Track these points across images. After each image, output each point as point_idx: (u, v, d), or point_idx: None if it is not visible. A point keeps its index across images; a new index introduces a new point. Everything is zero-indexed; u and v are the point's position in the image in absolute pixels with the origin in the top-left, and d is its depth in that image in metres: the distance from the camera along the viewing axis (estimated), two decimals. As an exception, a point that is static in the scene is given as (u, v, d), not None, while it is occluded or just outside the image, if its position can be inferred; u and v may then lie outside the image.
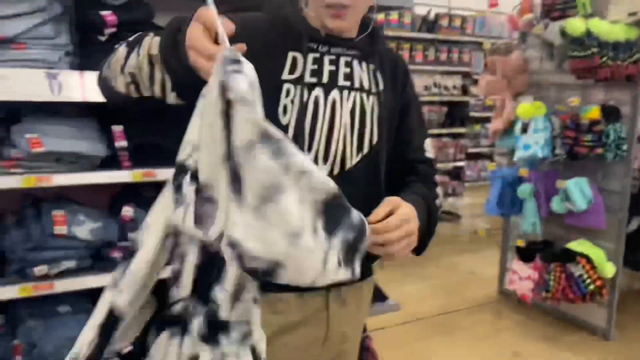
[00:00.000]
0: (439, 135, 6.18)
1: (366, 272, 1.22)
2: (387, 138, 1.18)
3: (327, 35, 1.12)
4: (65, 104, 1.90)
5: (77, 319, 1.95)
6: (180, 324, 0.85)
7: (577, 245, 3.36)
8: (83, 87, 1.82)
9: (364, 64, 1.16)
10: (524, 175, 3.59)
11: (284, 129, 1.06)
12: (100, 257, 1.98)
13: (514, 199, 3.68)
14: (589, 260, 3.26)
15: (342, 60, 1.14)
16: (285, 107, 1.08)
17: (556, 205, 3.40)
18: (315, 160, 1.10)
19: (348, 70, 1.14)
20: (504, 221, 4.10)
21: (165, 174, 2.00)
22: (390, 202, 1.04)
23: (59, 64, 1.84)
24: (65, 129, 1.89)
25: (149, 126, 1.97)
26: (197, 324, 0.83)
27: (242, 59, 0.78)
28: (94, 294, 2.03)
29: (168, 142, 1.98)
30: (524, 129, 3.49)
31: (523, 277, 3.61)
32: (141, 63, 0.97)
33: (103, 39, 1.90)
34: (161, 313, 0.91)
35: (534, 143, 3.42)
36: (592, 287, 3.23)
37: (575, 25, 3.13)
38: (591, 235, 3.39)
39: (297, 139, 1.07)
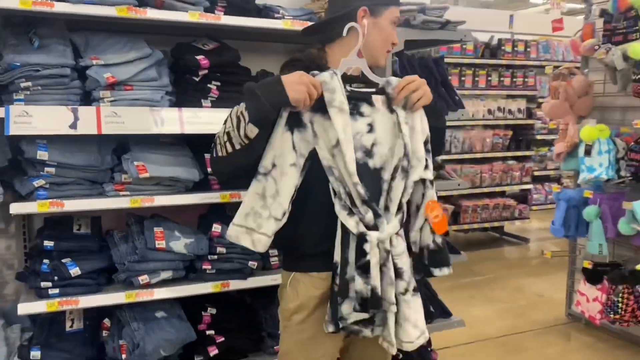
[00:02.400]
0: (504, 159, 6.22)
1: None
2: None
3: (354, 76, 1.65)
4: (165, 135, 2.21)
5: (171, 324, 2.23)
6: None
7: (646, 266, 3.34)
8: (180, 121, 2.13)
9: (383, 79, 1.66)
10: (588, 196, 3.61)
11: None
12: (192, 268, 2.26)
13: (580, 221, 3.70)
14: (658, 282, 3.24)
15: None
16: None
17: (623, 226, 3.40)
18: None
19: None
20: (570, 243, 4.10)
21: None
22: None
23: (161, 102, 2.15)
24: (164, 157, 2.20)
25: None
26: None
27: None
28: (184, 302, 2.31)
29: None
30: (587, 152, 3.53)
31: (590, 299, 3.61)
32: (232, 120, 1.50)
33: (197, 79, 2.20)
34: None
35: (598, 165, 3.46)
36: (662, 309, 3.20)
37: (637, 49, 3.18)
38: (661, 257, 3.36)
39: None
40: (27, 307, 2.01)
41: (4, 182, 2.01)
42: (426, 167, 1.62)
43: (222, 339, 2.31)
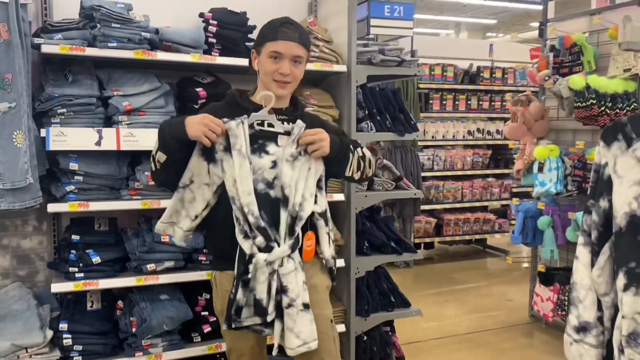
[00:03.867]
0: (484, 176, 6.71)
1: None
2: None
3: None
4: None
5: (172, 304, 2.73)
6: None
7: (589, 269, 3.80)
8: (182, 140, 2.65)
9: (291, 123, 1.92)
10: (542, 208, 4.11)
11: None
12: (190, 259, 2.77)
13: (536, 230, 4.19)
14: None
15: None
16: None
17: (570, 234, 3.89)
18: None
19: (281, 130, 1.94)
20: (532, 251, 4.58)
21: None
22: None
23: (167, 125, 2.68)
24: (169, 169, 2.72)
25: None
26: None
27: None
28: (183, 287, 2.81)
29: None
30: (540, 169, 4.03)
31: (544, 299, 4.08)
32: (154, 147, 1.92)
33: (196, 107, 2.74)
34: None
35: (548, 180, 3.96)
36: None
37: (577, 80, 3.70)
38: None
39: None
40: (59, 287, 2.52)
41: (42, 188, 2.54)
42: (315, 202, 1.92)
43: (214, 319, 2.81)
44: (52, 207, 2.50)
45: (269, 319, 1.86)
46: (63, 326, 2.56)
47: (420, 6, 10.79)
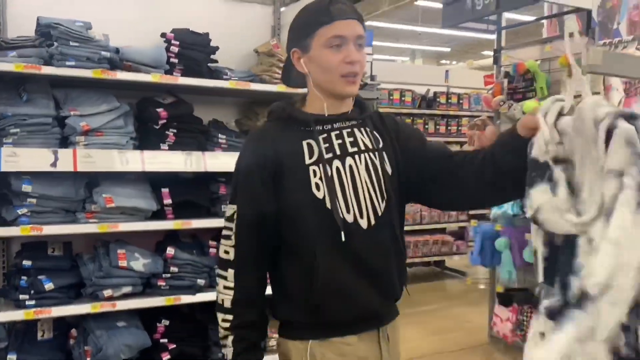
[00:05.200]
0: (442, 199, 6.81)
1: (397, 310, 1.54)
2: (400, 180, 1.41)
3: (329, 115, 1.38)
4: (129, 172, 2.67)
5: (130, 332, 2.63)
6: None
7: (546, 289, 3.89)
8: (142, 161, 2.60)
9: (362, 129, 1.41)
10: (499, 230, 4.19)
11: (322, 201, 1.31)
12: (149, 284, 2.68)
13: (494, 251, 4.26)
14: (554, 302, 3.78)
15: (345, 132, 1.38)
16: (317, 185, 1.32)
17: (527, 255, 3.97)
18: (355, 218, 1.33)
19: (352, 138, 1.38)
20: (490, 272, 4.66)
21: (198, 224, 2.73)
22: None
23: (126, 146, 2.62)
24: (128, 190, 2.65)
25: (187, 189, 2.74)
26: (546, 303, 1.04)
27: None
28: (142, 313, 2.72)
29: (200, 200, 2.74)
30: (497, 191, 4.12)
31: (503, 319, 4.14)
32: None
33: (157, 127, 2.69)
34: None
35: (505, 202, 4.05)
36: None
37: (531, 105, 3.83)
38: (558, 281, 3.91)
39: (335, 205, 1.30)
40: (7, 316, 2.39)
41: (-8, 210, 2.42)
42: None
43: (174, 346, 2.71)
44: (1, 231, 2.38)
45: None
46: (11, 357, 2.43)
47: (377, 33, 11.01)
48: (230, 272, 1.36)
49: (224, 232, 1.38)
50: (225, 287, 1.36)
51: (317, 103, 1.39)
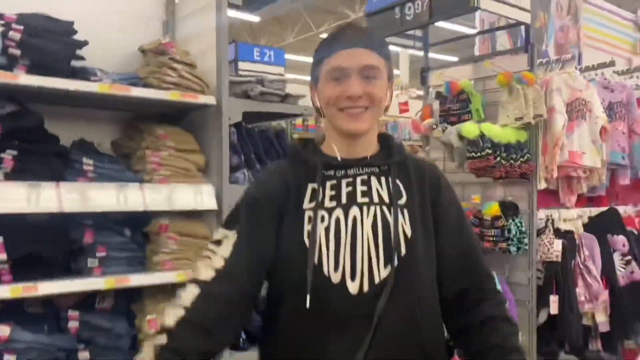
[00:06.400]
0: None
1: None
2: (424, 249, 1.18)
3: (342, 159, 1.22)
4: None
5: None
6: None
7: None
8: (-42, 197, 1.72)
9: (382, 179, 1.22)
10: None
11: (312, 253, 1.13)
12: None
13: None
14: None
15: (359, 179, 1.21)
16: (308, 233, 1.15)
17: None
18: (343, 278, 1.12)
19: (365, 187, 1.20)
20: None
21: (49, 288, 1.87)
22: None
23: None
24: None
25: (31, 237, 1.86)
26: None
27: None
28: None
29: (54, 253, 1.89)
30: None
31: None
32: None
33: (-14, 147, 1.82)
34: None
35: (443, 239, 3.52)
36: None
37: (470, 128, 3.37)
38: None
39: (323, 258, 1.13)
40: None
41: None
42: None
43: None
44: None
45: None
46: None
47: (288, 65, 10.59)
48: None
49: (204, 253, 1.19)
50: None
51: (331, 142, 1.26)
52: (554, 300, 3.38)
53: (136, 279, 2.05)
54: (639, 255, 3.72)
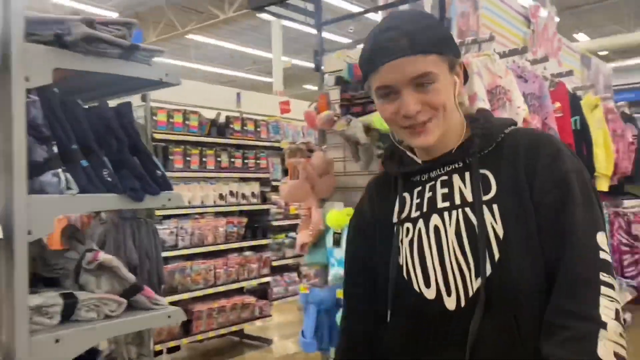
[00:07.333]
0: (241, 250, 5.44)
1: None
2: (524, 243, 1.01)
3: (423, 162, 1.14)
4: None
5: None
6: None
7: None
8: None
9: (466, 175, 1.10)
10: (341, 297, 2.94)
11: (401, 269, 1.09)
12: None
13: (333, 327, 3.00)
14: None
15: (440, 180, 1.12)
16: (397, 249, 1.11)
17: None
18: (439, 294, 1.04)
19: (446, 189, 1.11)
20: (322, 356, 3.36)
21: None
22: None
23: None
24: None
25: None
26: None
27: None
28: None
29: None
30: (337, 241, 2.90)
31: None
32: None
33: None
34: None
35: (349, 258, 2.83)
36: None
37: (379, 120, 2.72)
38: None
39: (411, 274, 1.08)
40: None
41: None
42: None
43: None
44: None
45: None
46: None
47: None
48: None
49: None
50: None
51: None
52: None
53: None
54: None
